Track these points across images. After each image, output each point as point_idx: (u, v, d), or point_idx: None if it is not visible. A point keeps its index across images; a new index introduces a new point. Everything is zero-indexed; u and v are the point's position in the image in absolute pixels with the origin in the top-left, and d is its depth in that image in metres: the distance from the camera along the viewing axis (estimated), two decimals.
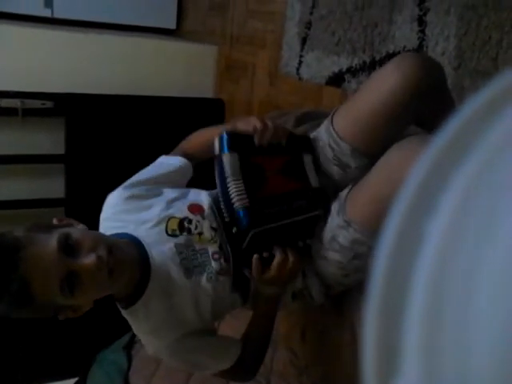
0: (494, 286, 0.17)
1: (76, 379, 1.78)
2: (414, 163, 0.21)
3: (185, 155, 1.05)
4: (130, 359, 1.68)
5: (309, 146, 0.96)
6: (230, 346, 0.96)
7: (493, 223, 0.18)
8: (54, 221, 0.86)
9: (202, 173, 1.06)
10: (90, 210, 0.94)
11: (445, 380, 0.18)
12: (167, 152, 1.08)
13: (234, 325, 1.33)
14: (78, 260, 0.75)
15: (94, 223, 0.95)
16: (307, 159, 0.94)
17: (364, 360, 0.21)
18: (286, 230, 0.89)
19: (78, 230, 0.82)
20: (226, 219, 0.90)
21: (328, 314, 1.21)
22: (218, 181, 0.89)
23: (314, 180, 0.93)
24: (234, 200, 0.85)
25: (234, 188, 0.85)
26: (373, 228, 0.81)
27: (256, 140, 0.88)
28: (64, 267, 0.74)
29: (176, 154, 1.06)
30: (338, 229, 0.87)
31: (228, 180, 0.86)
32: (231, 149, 0.86)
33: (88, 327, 0.85)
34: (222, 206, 0.89)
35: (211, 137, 0.93)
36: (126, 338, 1.74)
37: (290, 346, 1.39)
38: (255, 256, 0.88)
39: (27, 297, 0.73)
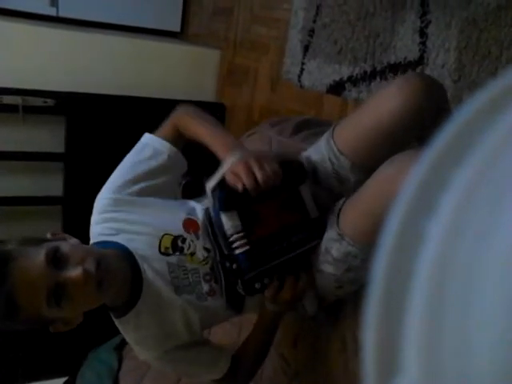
0: (495, 285, 0.17)
1: (66, 378, 1.77)
2: (406, 177, 0.21)
3: (175, 133, 1.01)
4: (120, 360, 1.67)
5: (303, 175, 0.92)
6: (219, 358, 0.96)
7: (494, 222, 0.18)
8: (48, 235, 0.86)
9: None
10: (87, 209, 0.94)
11: (445, 380, 0.18)
12: None
13: (225, 327, 1.32)
14: (65, 272, 0.75)
15: (90, 223, 0.95)
16: (304, 191, 0.92)
17: (365, 360, 0.21)
18: (288, 263, 0.90)
19: (68, 244, 0.81)
20: (225, 252, 0.88)
21: (320, 323, 1.21)
22: (214, 221, 0.88)
23: (312, 210, 0.92)
24: (233, 245, 0.85)
25: (232, 234, 0.85)
26: (366, 241, 0.82)
27: (251, 193, 0.81)
28: (51, 280, 0.74)
29: (166, 131, 1.03)
30: (331, 241, 0.87)
31: (226, 228, 0.85)
32: (228, 208, 0.85)
33: (79, 327, 0.85)
34: (221, 243, 0.88)
35: (206, 137, 0.93)
36: (117, 339, 1.73)
37: (281, 353, 1.38)
38: (274, 283, 0.88)
39: (14, 309, 0.73)
